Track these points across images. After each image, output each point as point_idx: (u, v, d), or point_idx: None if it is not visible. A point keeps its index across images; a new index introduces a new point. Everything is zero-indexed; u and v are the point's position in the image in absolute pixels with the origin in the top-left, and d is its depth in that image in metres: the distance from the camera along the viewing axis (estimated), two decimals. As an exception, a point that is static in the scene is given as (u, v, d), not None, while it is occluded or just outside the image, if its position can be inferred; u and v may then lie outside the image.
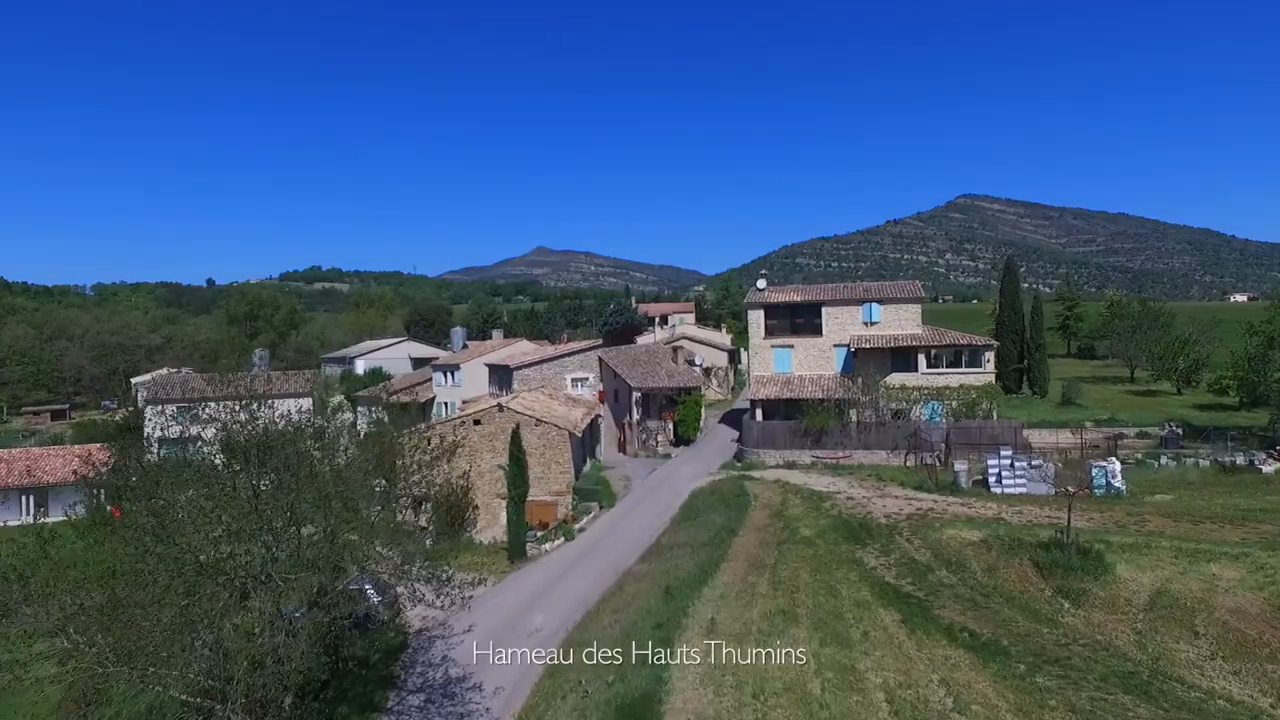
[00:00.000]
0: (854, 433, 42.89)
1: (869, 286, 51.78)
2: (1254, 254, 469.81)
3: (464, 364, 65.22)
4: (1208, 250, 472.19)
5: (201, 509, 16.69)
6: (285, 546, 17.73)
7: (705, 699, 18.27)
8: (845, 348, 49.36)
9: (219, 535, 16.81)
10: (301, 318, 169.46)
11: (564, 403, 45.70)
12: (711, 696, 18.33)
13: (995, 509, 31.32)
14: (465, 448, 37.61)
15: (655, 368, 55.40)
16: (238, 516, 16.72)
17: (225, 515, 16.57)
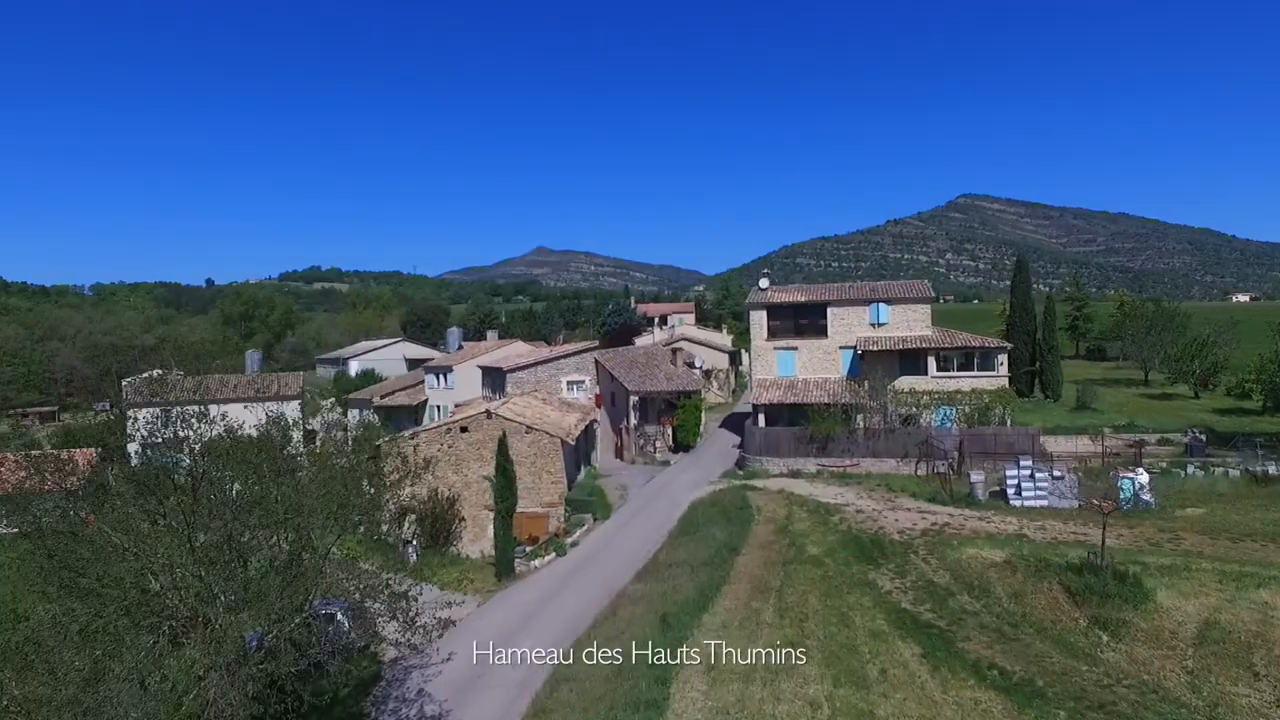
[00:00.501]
0: (862, 440, 40.63)
1: (876, 286, 49.58)
2: (1254, 254, 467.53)
3: (457, 366, 62.99)
4: (1208, 250, 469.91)
5: (113, 542, 14.41)
6: (227, 583, 15.51)
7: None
8: (851, 350, 47.15)
9: (142, 569, 14.58)
10: (298, 318, 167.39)
11: (557, 408, 43.48)
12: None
13: (1016, 524, 29.09)
14: (452, 456, 35.40)
15: (653, 370, 53.18)
16: (163, 549, 14.47)
17: (141, 548, 14.28)
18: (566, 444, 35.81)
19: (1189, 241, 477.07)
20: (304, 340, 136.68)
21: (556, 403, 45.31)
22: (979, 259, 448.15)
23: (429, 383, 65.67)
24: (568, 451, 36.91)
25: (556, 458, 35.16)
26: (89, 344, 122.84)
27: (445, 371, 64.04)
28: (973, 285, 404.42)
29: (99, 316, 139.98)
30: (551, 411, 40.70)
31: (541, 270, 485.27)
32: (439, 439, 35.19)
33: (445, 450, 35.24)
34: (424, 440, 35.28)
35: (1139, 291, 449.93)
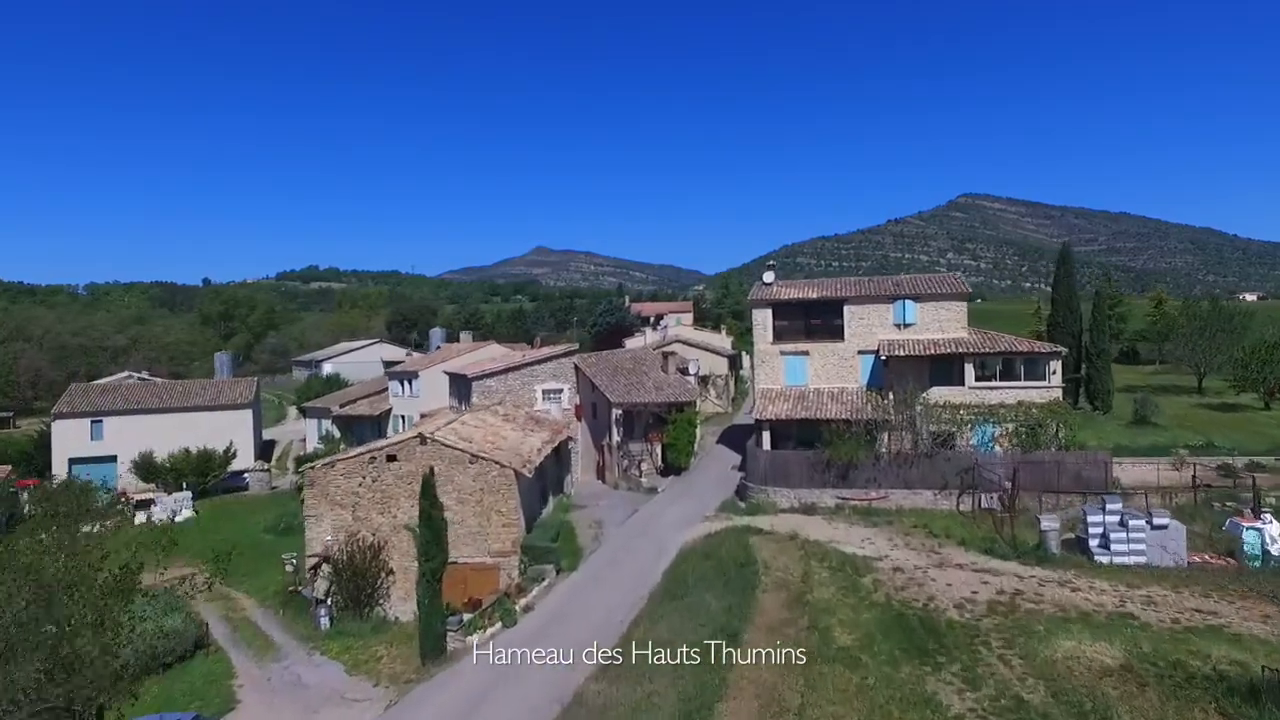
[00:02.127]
0: (890, 466, 32.77)
1: (901, 280, 41.77)
2: (1256, 253, 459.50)
3: (423, 372, 55.24)
4: (1210, 249, 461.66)
5: None
6: None
7: None
8: (873, 355, 39.37)
9: None
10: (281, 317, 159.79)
11: (523, 425, 35.68)
12: None
13: (1113, 594, 21.33)
14: (377, 492, 27.61)
15: (641, 378, 45.37)
16: None
17: None
18: (524, 476, 28.02)
19: (1191, 241, 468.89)
20: (286, 341, 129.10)
21: (523, 418, 37.51)
22: (980, 258, 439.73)
23: (393, 390, 57.96)
24: (527, 485, 29.13)
25: (510, 495, 27.38)
26: (56, 344, 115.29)
27: (410, 378, 56.29)
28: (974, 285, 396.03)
29: (70, 316, 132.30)
30: (511, 431, 32.90)
31: (541, 270, 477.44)
32: (360, 470, 27.41)
33: (368, 485, 27.48)
34: (341, 471, 27.50)
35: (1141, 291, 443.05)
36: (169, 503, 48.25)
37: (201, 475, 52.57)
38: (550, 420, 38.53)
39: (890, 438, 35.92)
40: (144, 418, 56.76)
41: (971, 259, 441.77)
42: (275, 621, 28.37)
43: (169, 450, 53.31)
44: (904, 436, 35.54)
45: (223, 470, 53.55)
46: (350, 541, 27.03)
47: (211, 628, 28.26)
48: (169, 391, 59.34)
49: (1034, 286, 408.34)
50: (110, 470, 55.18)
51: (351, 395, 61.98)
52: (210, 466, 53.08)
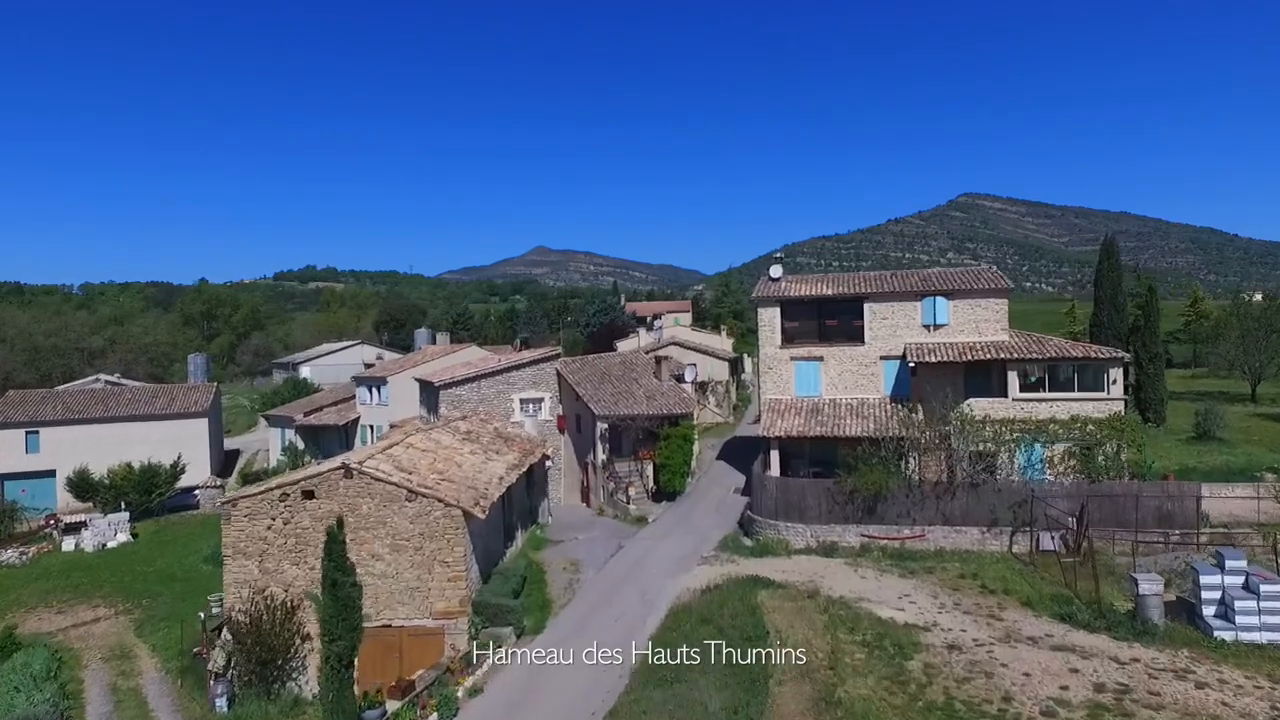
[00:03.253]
0: (927, 497, 26.86)
1: (930, 274, 35.89)
2: (1258, 253, 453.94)
3: (392, 378, 49.49)
4: (1211, 249, 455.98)
5: None
6: None
7: None
8: (897, 361, 33.54)
9: None
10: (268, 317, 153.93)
11: (485, 445, 29.75)
12: None
13: (1256, 692, 15.51)
14: (290, 538, 21.76)
15: (631, 386, 39.54)
16: None
17: None
18: (475, 518, 22.13)
19: (1191, 240, 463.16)
20: (270, 342, 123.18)
21: (490, 435, 31.62)
22: (980, 258, 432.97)
23: (360, 397, 52.19)
24: (484, 525, 23.27)
25: (457, 541, 21.50)
26: (29, 346, 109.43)
27: (378, 384, 50.53)
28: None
29: (46, 316, 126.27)
30: (470, 455, 26.98)
31: (541, 270, 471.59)
32: (269, 509, 21.53)
33: (279, 528, 21.61)
34: (245, 511, 21.64)
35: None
36: (103, 526, 42.41)
37: (145, 493, 46.65)
38: (522, 438, 32.63)
39: (920, 460, 30.13)
40: (86, 428, 50.92)
41: (972, 258, 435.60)
42: (169, 698, 22.54)
43: (114, 464, 47.56)
44: (939, 459, 29.70)
45: (169, 487, 47.67)
46: (256, 600, 21.20)
47: (89, 707, 22.46)
48: (116, 399, 53.48)
49: (1034, 286, 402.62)
50: (49, 487, 49.47)
51: (318, 402, 56.17)
52: (155, 483, 47.18)
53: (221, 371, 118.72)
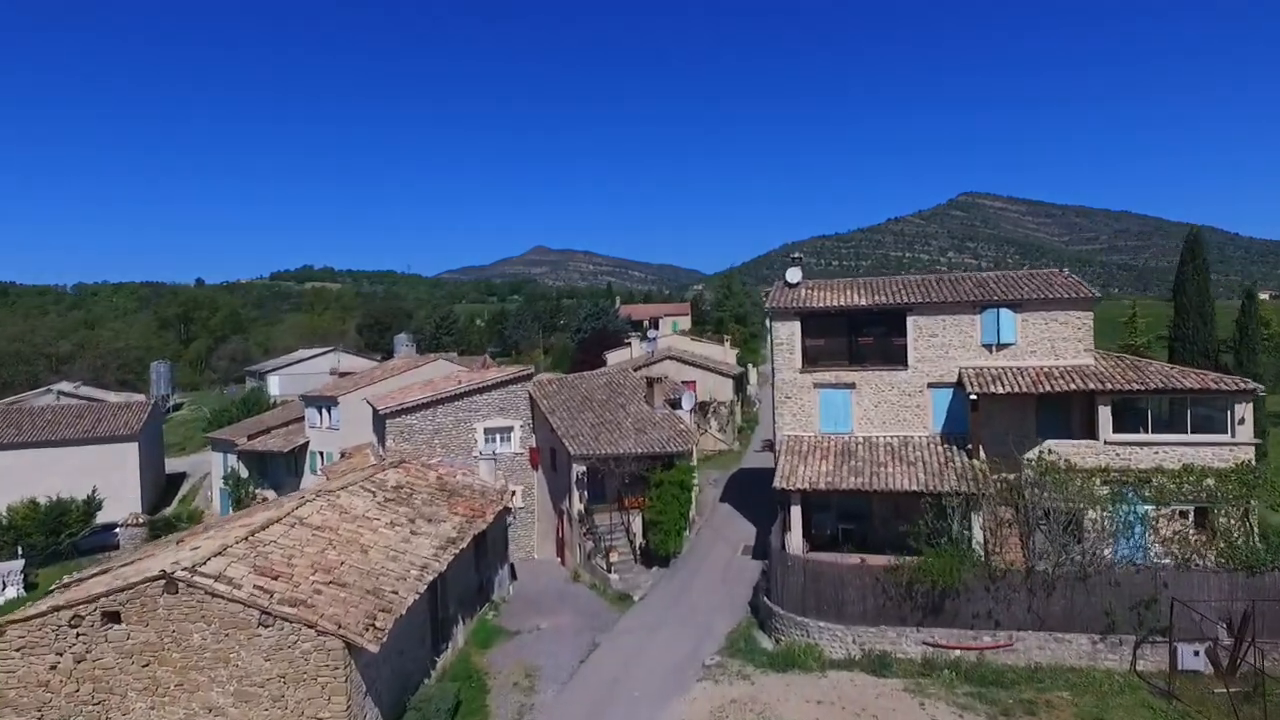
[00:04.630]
0: (1016, 590, 19.25)
1: (989, 279, 28.36)
2: (1259, 252, 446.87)
3: (343, 397, 42.05)
4: (1212, 248, 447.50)
5: None
6: None
7: None
8: (950, 390, 26.19)
9: None
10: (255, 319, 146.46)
11: (418, 508, 22.26)
12: None
13: None
14: (86, 684, 14.33)
15: (616, 414, 32.10)
16: None
17: None
18: (365, 649, 14.69)
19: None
20: (249, 347, 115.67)
21: (431, 488, 24.15)
22: (981, 257, 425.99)
23: (309, 419, 44.75)
24: (390, 645, 15.82)
25: (336, 687, 14.06)
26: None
27: (328, 405, 43.09)
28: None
29: (13, 319, 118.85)
30: (385, 530, 19.50)
31: (540, 270, 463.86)
32: (53, 641, 14.15)
33: (69, 669, 14.19)
34: (18, 644, 14.20)
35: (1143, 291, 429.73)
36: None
37: (53, 534, 39.46)
38: (473, 490, 25.12)
39: (984, 520, 22.76)
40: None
41: (973, 258, 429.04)
42: None
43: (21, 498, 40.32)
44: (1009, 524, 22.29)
45: (81, 526, 40.39)
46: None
47: None
48: (31, 421, 46.05)
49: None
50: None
51: (266, 423, 48.71)
52: (65, 521, 39.92)
53: (198, 378, 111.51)
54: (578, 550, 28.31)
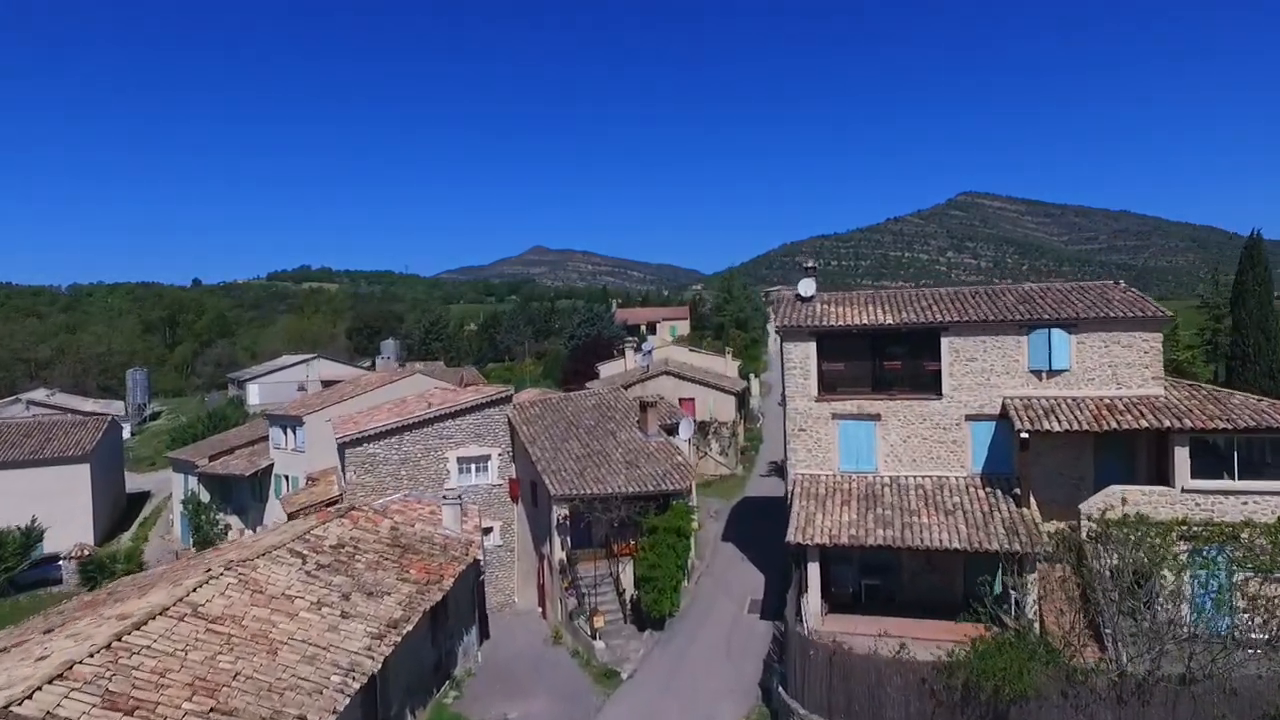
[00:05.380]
0: (1102, 702, 15.16)
1: (1031, 292, 24.32)
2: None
3: (308, 416, 38.11)
4: (1212, 248, 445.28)
5: None
6: None
7: None
8: (992, 422, 22.25)
9: None
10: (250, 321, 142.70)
11: (358, 577, 18.19)
12: None
13: None
14: None
15: (605, 443, 28.16)
16: None
17: None
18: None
19: (1191, 239, 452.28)
20: (235, 351, 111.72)
21: (382, 544, 20.18)
22: (980, 257, 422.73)
23: (274, 439, 40.81)
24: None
25: None
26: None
27: (293, 425, 39.14)
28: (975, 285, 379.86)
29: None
30: (308, 615, 15.57)
31: (539, 270, 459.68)
32: None
33: None
34: None
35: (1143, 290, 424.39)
36: (-94, 623, 31.01)
37: (-12, 567, 35.60)
38: (433, 544, 21.16)
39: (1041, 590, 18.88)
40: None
41: (972, 258, 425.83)
42: None
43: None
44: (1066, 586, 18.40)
45: (19, 560, 36.46)
46: None
47: None
48: (-23, 439, 42.08)
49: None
50: None
51: (230, 442, 44.76)
52: (2, 555, 36.08)
53: (183, 383, 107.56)
54: (559, 605, 24.38)
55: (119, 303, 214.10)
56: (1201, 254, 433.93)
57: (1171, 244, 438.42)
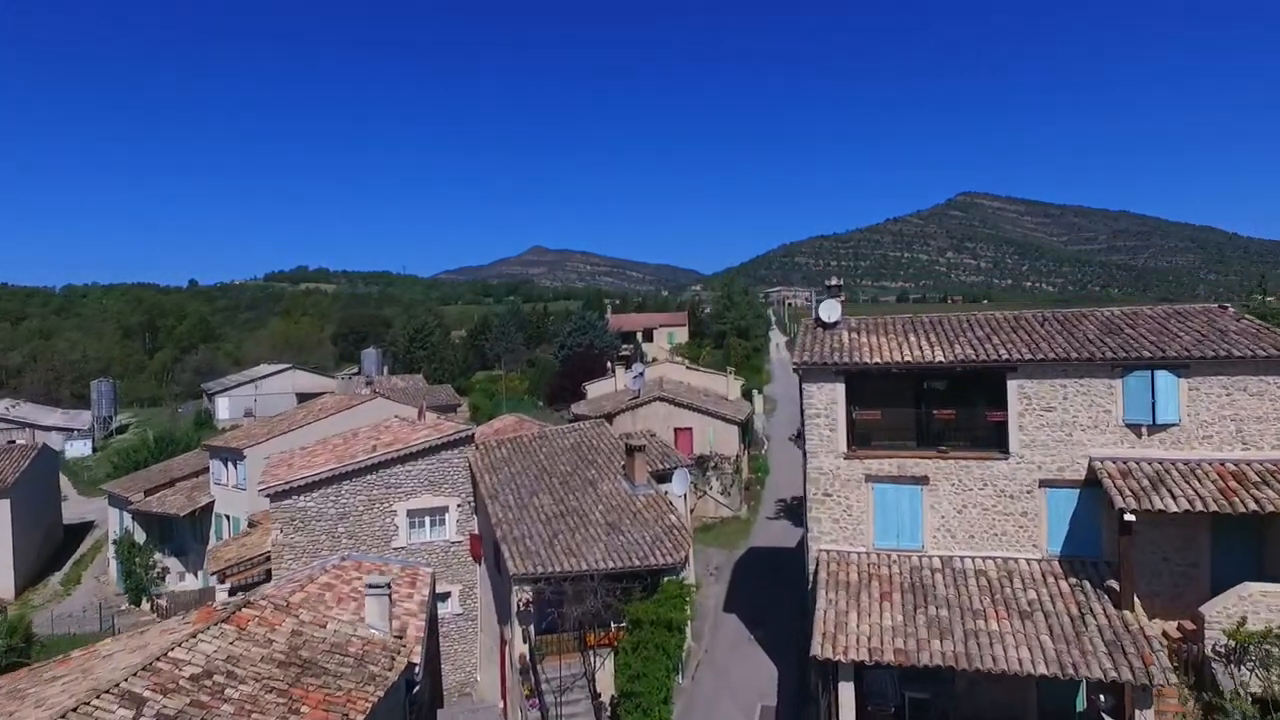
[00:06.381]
0: None
1: (1117, 318, 19.03)
2: (1258, 252, 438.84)
3: (250, 450, 32.97)
4: (1211, 248, 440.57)
5: None
6: None
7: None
8: (1075, 490, 17.03)
9: None
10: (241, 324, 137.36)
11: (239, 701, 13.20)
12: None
13: None
14: None
15: (581, 500, 22.91)
16: None
17: None
18: None
19: (1191, 239, 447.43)
20: (217, 358, 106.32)
21: (280, 651, 14.98)
22: (980, 257, 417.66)
23: (214, 474, 35.65)
24: None
25: None
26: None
27: (234, 458, 34.00)
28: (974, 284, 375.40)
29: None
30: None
31: (537, 270, 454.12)
32: None
33: None
34: None
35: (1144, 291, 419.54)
36: None
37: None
38: (346, 655, 15.94)
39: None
40: None
41: (971, 258, 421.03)
42: None
43: None
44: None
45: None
46: None
47: None
48: None
49: (1035, 286, 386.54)
50: None
51: (173, 472, 39.47)
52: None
53: (161, 392, 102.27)
54: (520, 713, 19.12)
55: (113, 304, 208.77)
56: (1201, 254, 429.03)
57: (1171, 244, 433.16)
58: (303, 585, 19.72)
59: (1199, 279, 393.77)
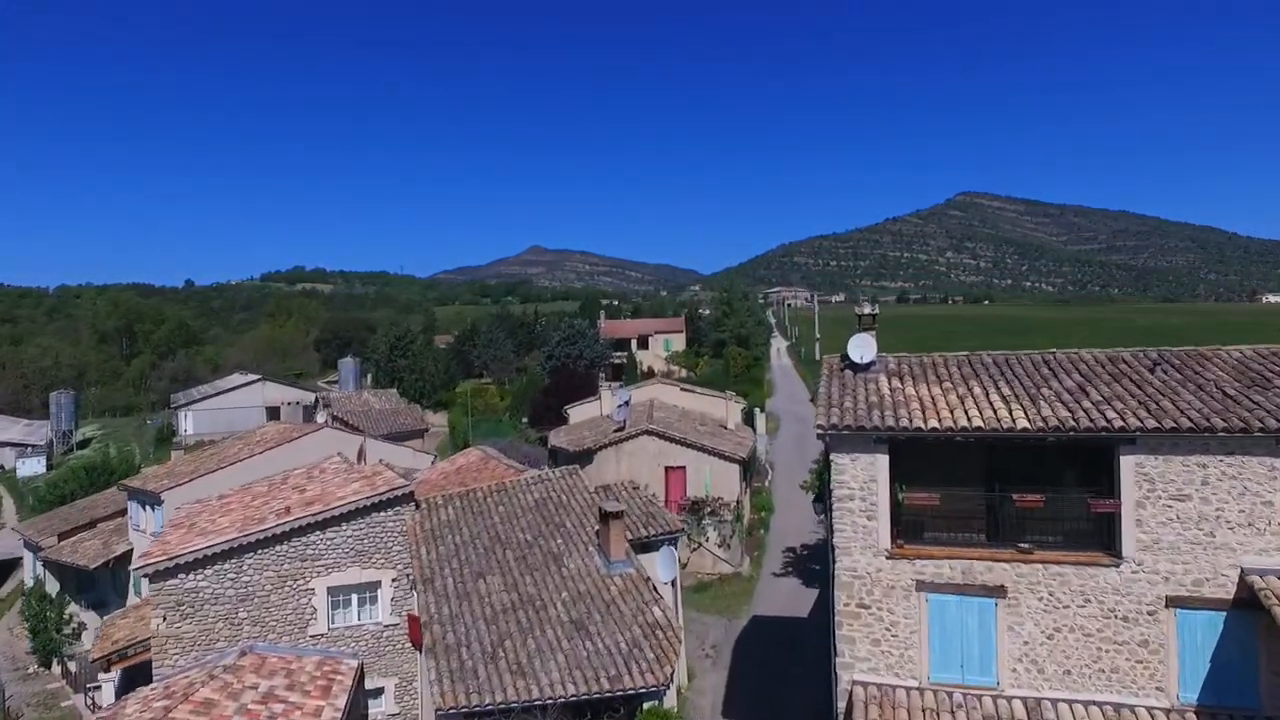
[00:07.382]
0: None
1: (1250, 359, 14.14)
2: (1258, 251, 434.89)
3: (168, 493, 27.77)
4: (1211, 248, 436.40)
5: None
6: None
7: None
8: (1220, 614, 11.85)
9: None
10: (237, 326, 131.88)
11: None
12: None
13: None
14: None
15: (539, 583, 17.76)
16: None
17: None
18: None
19: (1191, 239, 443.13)
20: (196, 364, 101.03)
21: None
22: (980, 257, 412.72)
23: (133, 518, 30.41)
24: None
25: None
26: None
27: (150, 502, 28.78)
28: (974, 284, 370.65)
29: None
30: None
31: (536, 270, 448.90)
32: None
33: None
34: None
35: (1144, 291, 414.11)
36: None
37: None
38: None
39: None
40: None
41: (971, 258, 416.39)
42: None
43: None
44: None
45: None
46: None
47: None
48: None
49: (1035, 286, 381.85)
50: None
51: (97, 511, 34.23)
52: None
53: (138, 400, 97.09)
54: None
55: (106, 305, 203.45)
56: (1201, 254, 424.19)
57: (1171, 244, 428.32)
58: (178, 700, 14.88)
59: (1199, 278, 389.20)
